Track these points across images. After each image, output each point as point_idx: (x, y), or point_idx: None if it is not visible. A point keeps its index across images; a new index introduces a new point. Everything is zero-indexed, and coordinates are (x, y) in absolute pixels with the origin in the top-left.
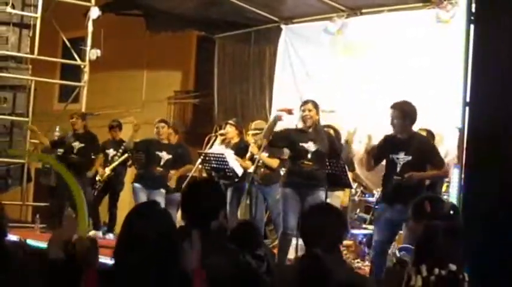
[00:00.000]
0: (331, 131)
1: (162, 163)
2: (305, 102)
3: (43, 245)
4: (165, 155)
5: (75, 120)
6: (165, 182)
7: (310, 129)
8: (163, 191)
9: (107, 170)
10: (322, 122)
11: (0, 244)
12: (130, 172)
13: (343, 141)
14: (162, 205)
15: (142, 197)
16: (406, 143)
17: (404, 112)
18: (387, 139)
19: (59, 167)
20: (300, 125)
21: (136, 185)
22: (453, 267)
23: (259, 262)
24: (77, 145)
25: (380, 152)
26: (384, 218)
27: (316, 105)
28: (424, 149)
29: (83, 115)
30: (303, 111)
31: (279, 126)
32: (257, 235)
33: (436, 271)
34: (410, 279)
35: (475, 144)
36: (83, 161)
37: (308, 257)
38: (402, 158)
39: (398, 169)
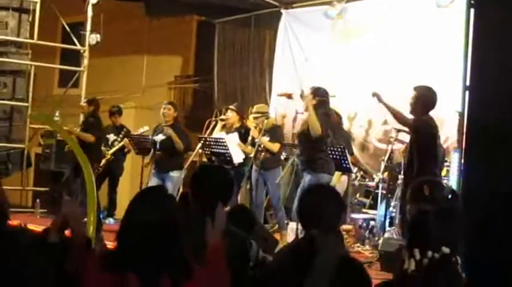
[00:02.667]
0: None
1: (158, 147)
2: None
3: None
4: (160, 137)
5: (83, 105)
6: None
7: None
8: (171, 173)
9: (107, 154)
10: None
11: (2, 228)
12: (130, 158)
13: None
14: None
15: (153, 181)
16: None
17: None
18: None
19: (73, 144)
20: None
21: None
22: (446, 250)
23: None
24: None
25: None
26: None
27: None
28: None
29: (89, 101)
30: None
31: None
32: (249, 220)
33: (429, 254)
34: (404, 263)
35: (475, 128)
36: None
37: (304, 239)
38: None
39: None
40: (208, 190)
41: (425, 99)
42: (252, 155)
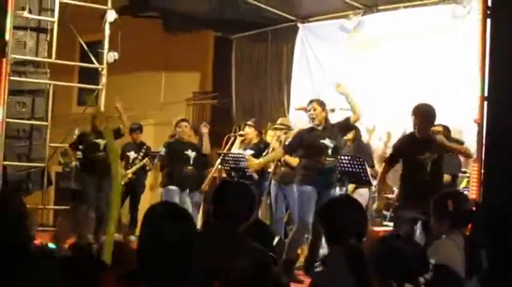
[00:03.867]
0: (352, 130)
1: (191, 162)
2: (310, 102)
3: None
4: (192, 154)
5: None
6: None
7: (320, 127)
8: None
9: (129, 173)
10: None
11: (27, 250)
12: (151, 175)
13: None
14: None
15: (175, 198)
16: (427, 143)
17: (425, 115)
18: (408, 138)
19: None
20: (310, 124)
21: (171, 187)
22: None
23: None
24: (101, 141)
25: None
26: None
27: (321, 103)
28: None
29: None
30: (309, 110)
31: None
32: (267, 235)
33: (422, 279)
34: None
35: (494, 138)
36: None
37: (349, 249)
38: (428, 157)
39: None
40: (230, 207)
41: (430, 116)
42: (270, 169)
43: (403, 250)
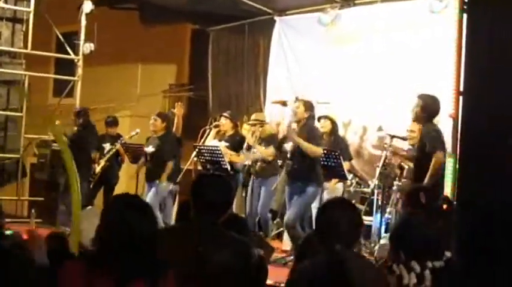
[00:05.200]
0: (328, 122)
1: (148, 158)
2: (296, 101)
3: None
4: (149, 149)
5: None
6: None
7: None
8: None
9: (102, 161)
10: (318, 114)
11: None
12: (125, 166)
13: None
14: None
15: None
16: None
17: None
18: None
19: (65, 150)
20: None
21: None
22: (448, 254)
23: None
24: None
25: None
26: None
27: (306, 104)
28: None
29: (76, 113)
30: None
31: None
32: (243, 228)
33: (430, 264)
34: (402, 278)
35: (469, 133)
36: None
37: (330, 255)
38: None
39: None
40: (210, 199)
41: (431, 108)
42: (247, 162)
43: (421, 228)
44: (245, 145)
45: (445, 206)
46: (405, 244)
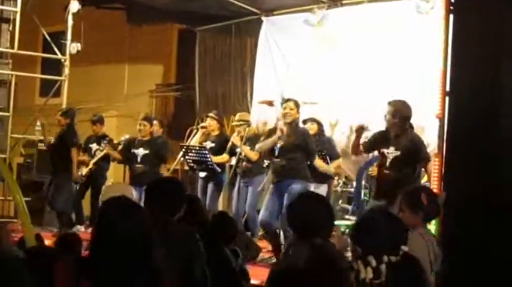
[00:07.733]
0: (315, 125)
1: (139, 160)
2: (287, 101)
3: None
4: (141, 151)
5: (59, 118)
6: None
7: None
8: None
9: (90, 164)
10: (305, 115)
11: None
12: (113, 167)
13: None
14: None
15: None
16: (396, 139)
17: (395, 110)
18: (382, 133)
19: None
20: (280, 121)
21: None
22: (405, 248)
23: (233, 257)
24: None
25: (373, 143)
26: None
27: (297, 105)
28: (411, 146)
29: (63, 113)
30: (284, 108)
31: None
32: (232, 227)
33: (385, 258)
34: (359, 273)
35: (455, 133)
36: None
37: (312, 248)
38: (392, 152)
39: (387, 163)
40: (157, 202)
41: (402, 113)
42: (232, 162)
43: (379, 222)
44: (228, 145)
45: (424, 199)
46: (361, 239)
